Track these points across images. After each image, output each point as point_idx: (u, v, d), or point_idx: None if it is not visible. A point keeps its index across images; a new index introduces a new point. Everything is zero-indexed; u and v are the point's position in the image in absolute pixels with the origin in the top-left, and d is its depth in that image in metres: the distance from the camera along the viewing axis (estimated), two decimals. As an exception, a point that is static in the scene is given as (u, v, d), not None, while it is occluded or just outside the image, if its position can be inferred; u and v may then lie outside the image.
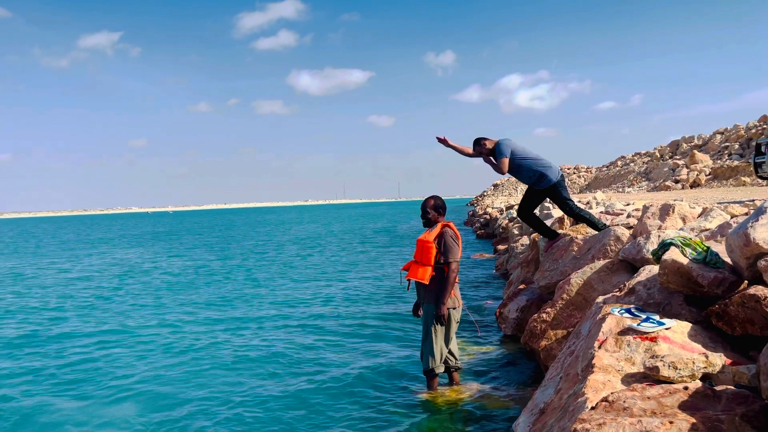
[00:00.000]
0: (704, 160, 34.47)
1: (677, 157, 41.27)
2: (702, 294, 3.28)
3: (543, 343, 4.93)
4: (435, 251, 4.68)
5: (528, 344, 5.42)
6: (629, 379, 2.67)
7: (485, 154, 6.02)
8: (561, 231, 7.59)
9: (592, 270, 5.08)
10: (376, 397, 4.91)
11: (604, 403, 2.29)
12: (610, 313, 3.28)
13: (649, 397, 2.26)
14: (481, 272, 12.64)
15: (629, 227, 6.26)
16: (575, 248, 6.14)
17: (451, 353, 4.89)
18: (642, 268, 4.10)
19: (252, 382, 5.51)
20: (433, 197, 4.99)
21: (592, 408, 2.31)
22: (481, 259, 15.29)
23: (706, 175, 31.18)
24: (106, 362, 6.42)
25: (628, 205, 10.18)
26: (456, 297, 4.81)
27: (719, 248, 3.59)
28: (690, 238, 3.64)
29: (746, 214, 5.47)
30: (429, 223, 4.92)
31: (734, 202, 7.74)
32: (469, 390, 4.86)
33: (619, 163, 61.74)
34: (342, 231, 35.59)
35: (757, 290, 2.78)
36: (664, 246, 3.70)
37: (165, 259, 19.87)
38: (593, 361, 2.82)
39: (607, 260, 5.18)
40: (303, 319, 8.50)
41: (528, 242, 10.21)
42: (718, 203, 7.35)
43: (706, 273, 3.22)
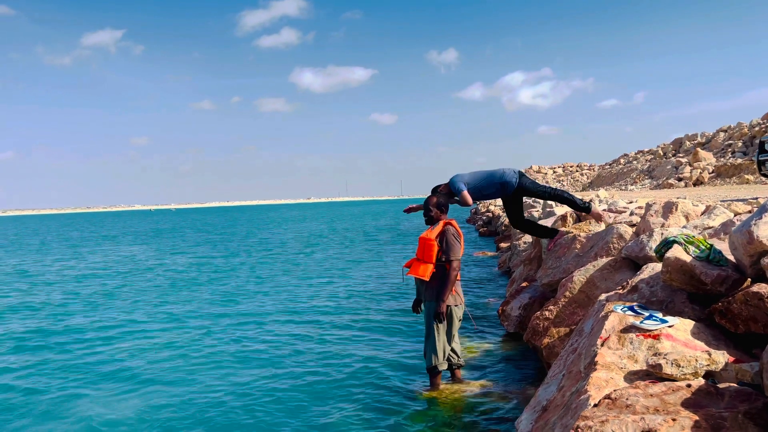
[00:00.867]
0: (707, 158, 34.39)
1: (680, 154, 41.18)
2: (705, 292, 3.27)
3: (545, 340, 4.93)
4: (437, 249, 4.68)
5: (530, 342, 5.42)
6: (632, 377, 2.66)
7: (448, 198, 5.71)
8: (564, 228, 7.58)
9: (595, 268, 5.07)
10: (379, 394, 4.92)
11: (606, 401, 2.28)
12: (612, 311, 3.28)
13: (652, 395, 2.26)
14: (484, 270, 12.64)
15: (632, 225, 6.25)
16: (578, 246, 6.13)
17: (453, 351, 4.90)
18: (645, 266, 4.09)
19: (254, 377, 5.54)
20: (435, 195, 5.01)
21: (595, 405, 2.31)
22: (484, 256, 15.28)
23: (709, 173, 31.11)
24: (110, 357, 6.44)
25: (631, 203, 10.17)
26: (458, 294, 4.82)
27: (723, 246, 3.58)
28: (693, 236, 3.63)
29: (750, 211, 5.46)
30: (431, 221, 4.92)
31: (738, 200, 7.73)
32: (472, 387, 4.87)
33: (621, 161, 61.63)
34: (345, 228, 35.62)
35: (761, 288, 2.77)
36: (667, 244, 3.70)
37: (169, 256, 19.91)
38: (596, 359, 2.82)
39: (609, 258, 5.17)
40: (306, 315, 8.53)
41: (530, 240, 10.20)
42: (721, 201, 7.33)
43: (710, 271, 3.22)
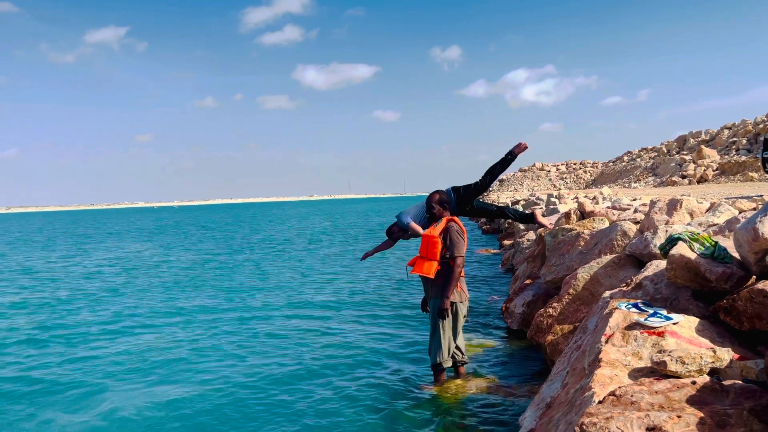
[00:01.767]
0: (711, 156, 34.29)
1: (684, 152, 41.05)
2: (710, 289, 3.27)
3: (549, 337, 4.93)
4: (440, 246, 4.68)
5: (534, 339, 5.42)
6: (636, 374, 2.66)
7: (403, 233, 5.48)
8: (567, 226, 7.58)
9: (599, 265, 5.07)
10: (383, 390, 4.93)
11: (611, 397, 2.28)
12: (617, 308, 3.27)
13: (656, 392, 2.26)
14: (487, 267, 12.64)
15: (636, 222, 6.24)
16: (582, 243, 6.13)
17: (458, 348, 4.90)
18: (649, 263, 4.09)
19: (259, 370, 5.58)
20: (438, 192, 4.98)
21: (600, 402, 2.31)
22: (487, 254, 15.28)
23: (713, 171, 31.02)
24: (117, 352, 6.47)
25: (634, 200, 10.15)
26: (462, 291, 4.81)
27: (727, 243, 3.58)
28: (698, 233, 3.62)
29: (755, 209, 5.45)
30: (434, 218, 4.91)
31: (742, 197, 7.71)
32: (476, 384, 4.87)
33: (625, 158, 61.49)
34: (348, 226, 35.63)
35: (766, 285, 2.77)
36: (672, 241, 3.69)
37: (173, 253, 19.96)
38: (600, 356, 2.82)
39: (613, 255, 5.17)
40: (310, 311, 8.56)
41: (534, 237, 10.20)
42: (725, 198, 7.31)
43: (714, 268, 3.21)
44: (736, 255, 3.32)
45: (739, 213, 4.98)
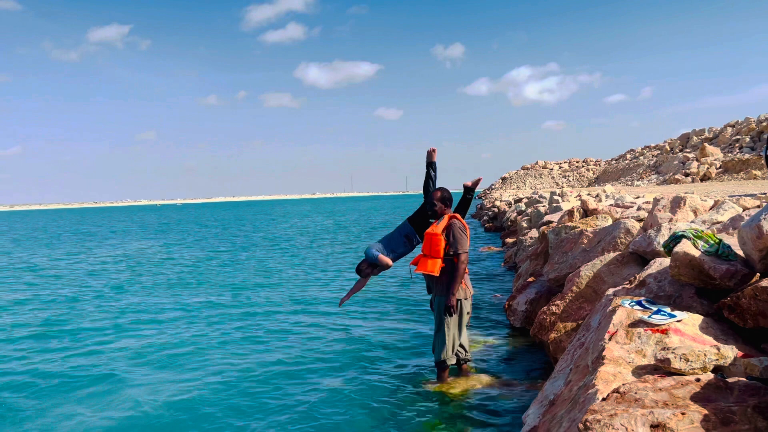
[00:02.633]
0: (715, 153, 34.19)
1: (687, 150, 40.95)
2: (714, 286, 3.27)
3: (552, 335, 4.93)
4: (444, 243, 4.68)
5: (537, 336, 5.43)
6: (640, 371, 2.66)
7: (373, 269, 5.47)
8: (570, 224, 7.57)
9: (602, 262, 5.07)
10: (387, 387, 4.94)
11: (615, 395, 2.29)
12: (620, 306, 3.27)
13: (660, 389, 2.26)
14: (490, 265, 12.63)
15: (639, 220, 6.24)
16: (585, 241, 6.13)
17: (461, 346, 4.91)
18: (653, 261, 4.09)
19: (262, 366, 5.60)
20: (439, 189, 4.96)
21: (603, 399, 2.32)
22: (490, 252, 15.27)
23: (716, 169, 30.93)
24: (121, 348, 6.49)
25: (637, 198, 10.14)
26: (467, 287, 4.81)
27: (731, 241, 3.57)
28: (702, 231, 3.62)
29: (759, 206, 5.43)
30: (435, 216, 4.91)
31: (746, 195, 7.69)
32: (479, 381, 4.88)
33: (628, 156, 61.37)
34: (350, 223, 35.64)
35: (770, 283, 2.76)
36: (676, 238, 3.69)
37: (176, 250, 20.00)
38: (604, 353, 2.82)
39: (617, 253, 5.16)
40: (313, 307, 8.59)
41: (537, 235, 10.19)
42: (729, 196, 7.30)
43: (718, 265, 3.21)
44: (740, 252, 3.32)
45: (743, 211, 4.97)
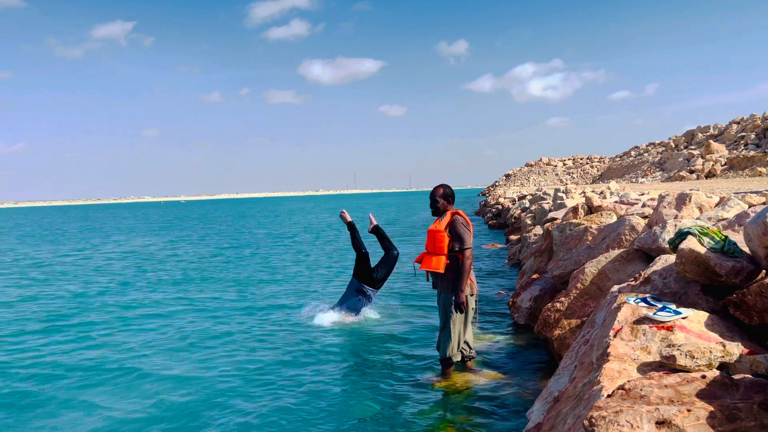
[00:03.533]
0: (720, 150, 34.06)
1: (692, 147, 40.80)
2: (719, 283, 3.26)
3: (556, 332, 4.92)
4: (447, 240, 4.67)
5: (541, 333, 5.42)
6: (645, 368, 2.66)
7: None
8: (575, 221, 7.56)
9: (607, 259, 5.05)
10: (391, 383, 4.95)
11: (620, 391, 2.28)
12: (625, 302, 3.27)
13: (666, 386, 2.26)
14: (494, 262, 12.62)
15: (644, 217, 6.22)
16: (589, 238, 6.11)
17: (466, 342, 4.91)
18: (658, 258, 4.08)
19: (266, 362, 5.62)
20: (441, 186, 4.96)
21: (608, 396, 2.31)
22: (494, 249, 15.26)
23: (721, 165, 30.82)
24: (125, 346, 6.51)
25: (642, 194, 10.11)
26: (473, 283, 4.81)
27: (737, 237, 3.56)
28: (707, 227, 3.60)
29: (764, 203, 5.41)
30: (438, 212, 4.90)
31: (752, 192, 7.67)
32: (483, 378, 4.88)
33: (632, 153, 61.18)
34: (354, 220, 35.61)
35: (776, 280, 2.75)
36: (681, 235, 3.68)
37: (181, 247, 20.04)
38: (608, 350, 2.81)
39: (621, 250, 5.15)
40: (318, 303, 8.60)
41: (541, 232, 10.18)
42: (735, 193, 7.28)
43: (724, 262, 3.20)
44: (746, 249, 3.31)
45: (749, 207, 4.95)
